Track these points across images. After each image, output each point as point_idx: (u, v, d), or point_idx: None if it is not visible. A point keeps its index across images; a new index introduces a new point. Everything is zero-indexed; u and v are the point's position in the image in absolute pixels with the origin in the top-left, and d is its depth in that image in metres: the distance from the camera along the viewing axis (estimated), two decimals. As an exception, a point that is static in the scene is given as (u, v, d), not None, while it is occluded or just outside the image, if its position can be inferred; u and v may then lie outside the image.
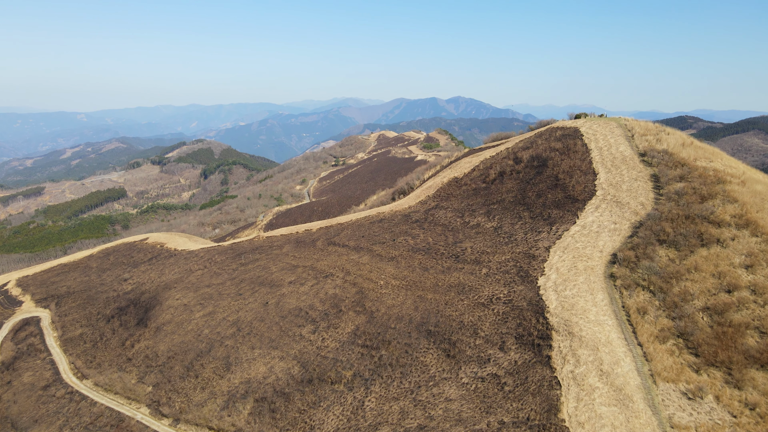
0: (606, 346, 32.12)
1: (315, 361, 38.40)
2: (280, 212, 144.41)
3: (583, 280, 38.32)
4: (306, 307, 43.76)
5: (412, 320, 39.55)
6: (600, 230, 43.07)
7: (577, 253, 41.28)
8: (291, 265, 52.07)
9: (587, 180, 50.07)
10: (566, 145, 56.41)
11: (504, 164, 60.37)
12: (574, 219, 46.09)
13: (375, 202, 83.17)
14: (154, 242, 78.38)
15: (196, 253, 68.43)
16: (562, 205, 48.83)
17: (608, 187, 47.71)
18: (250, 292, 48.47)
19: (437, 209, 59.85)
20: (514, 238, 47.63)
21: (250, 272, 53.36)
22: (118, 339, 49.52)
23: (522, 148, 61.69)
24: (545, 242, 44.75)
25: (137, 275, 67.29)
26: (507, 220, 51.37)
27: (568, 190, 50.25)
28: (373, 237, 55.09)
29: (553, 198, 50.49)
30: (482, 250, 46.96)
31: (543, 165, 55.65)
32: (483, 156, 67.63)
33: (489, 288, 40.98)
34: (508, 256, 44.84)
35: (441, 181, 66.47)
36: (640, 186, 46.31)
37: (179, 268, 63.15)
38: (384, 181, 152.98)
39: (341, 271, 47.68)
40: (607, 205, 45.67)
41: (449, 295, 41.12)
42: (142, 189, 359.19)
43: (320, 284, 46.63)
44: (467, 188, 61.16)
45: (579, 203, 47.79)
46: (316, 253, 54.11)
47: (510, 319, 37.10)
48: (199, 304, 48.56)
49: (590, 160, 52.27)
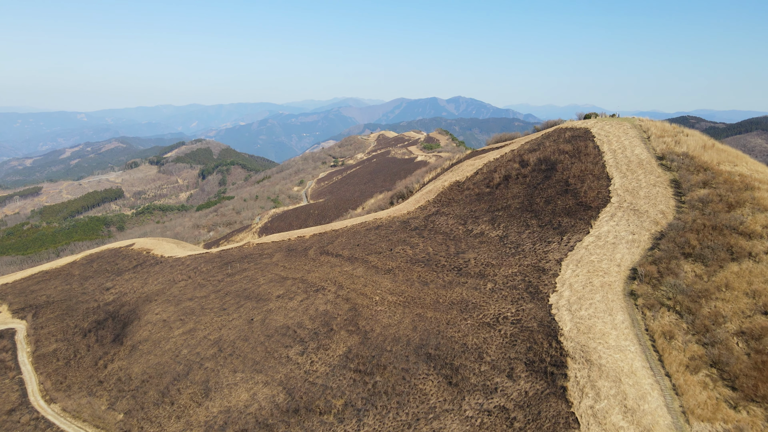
0: (630, 377, 28.32)
1: (302, 388, 34.61)
2: (276, 214, 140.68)
3: (600, 298, 34.50)
4: (294, 325, 39.97)
5: (410, 342, 35.75)
6: (617, 241, 39.24)
7: (592, 267, 37.46)
8: (280, 277, 48.29)
9: (600, 185, 46.25)
10: (576, 147, 52.59)
11: (509, 167, 56.56)
12: (587, 228, 42.27)
13: (373, 206, 79.63)
14: (140, 248, 74.63)
15: (182, 260, 64.67)
16: (573, 213, 45.03)
17: (624, 194, 43.89)
18: (235, 307, 44.69)
19: (438, 215, 56.07)
20: (521, 249, 43.82)
21: (237, 284, 49.59)
22: (92, 357, 45.75)
23: (528, 150, 57.87)
24: (556, 254, 40.94)
25: (120, 284, 63.55)
26: (513, 229, 47.57)
27: (579, 196, 46.44)
28: (369, 246, 51.29)
29: (564, 205, 46.69)
30: (487, 262, 43.16)
31: (551, 169, 51.85)
32: (486, 158, 63.83)
33: (495, 305, 37.18)
34: (515, 269, 41.04)
35: (442, 185, 62.67)
36: (660, 192, 42.48)
37: (163, 277, 59.39)
38: (383, 183, 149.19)
39: (333, 285, 43.89)
40: (624, 214, 41.85)
41: (451, 313, 37.33)
42: (140, 189, 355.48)
43: (310, 299, 42.85)
44: (470, 193, 57.37)
45: (592, 211, 43.98)
46: (307, 264, 50.33)
47: (519, 342, 33.30)
48: (180, 320, 44.78)
49: (603, 163, 48.46)
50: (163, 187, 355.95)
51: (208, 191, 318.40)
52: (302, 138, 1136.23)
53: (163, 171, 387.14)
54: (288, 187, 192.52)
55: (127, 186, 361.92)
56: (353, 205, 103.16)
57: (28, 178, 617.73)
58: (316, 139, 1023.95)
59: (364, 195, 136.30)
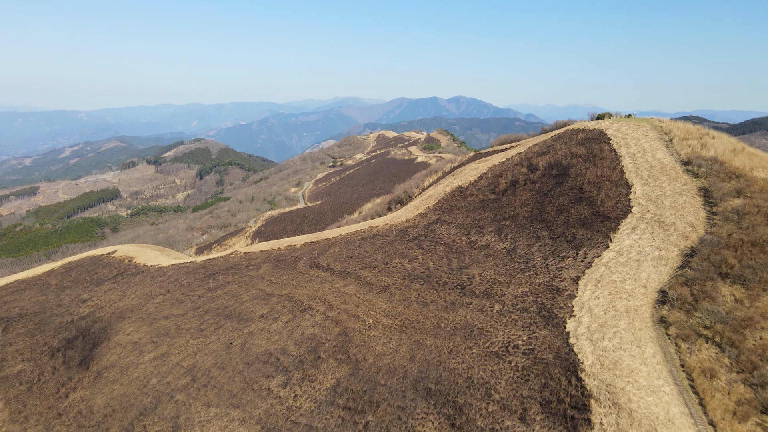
0: (667, 426, 23.89)
1: (284, 427, 30.20)
2: (271, 217, 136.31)
3: (625, 326, 30.05)
4: (277, 352, 35.55)
5: (407, 374, 31.32)
6: (641, 258, 34.77)
7: (614, 289, 33.01)
8: (265, 294, 43.85)
9: (619, 193, 41.78)
10: (591, 150, 48.11)
11: (516, 172, 52.09)
12: (606, 242, 37.80)
13: (370, 211, 75.42)
14: (122, 256, 70.27)
15: (165, 270, 60.28)
16: (589, 224, 40.56)
17: (647, 203, 39.41)
18: (214, 328, 40.27)
19: (439, 224, 51.62)
20: (532, 265, 39.36)
21: (218, 300, 45.17)
22: (55, 383, 41.37)
23: (537, 153, 53.38)
24: (572, 271, 36.48)
25: (98, 296, 59.16)
26: (522, 241, 43.12)
27: (596, 205, 41.97)
28: (364, 258, 46.86)
29: (578, 214, 42.22)
30: (493, 279, 38.71)
31: (564, 174, 47.38)
32: (491, 162, 59.35)
33: (504, 332, 32.74)
34: (525, 288, 36.58)
35: (443, 191, 58.22)
36: (687, 202, 38.01)
37: (142, 290, 54.99)
38: (382, 184, 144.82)
39: (323, 304, 39.46)
40: (648, 226, 37.37)
41: (454, 340, 32.89)
42: (137, 189, 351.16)
43: (297, 320, 38.42)
44: (474, 199, 52.91)
45: (611, 222, 39.50)
46: (295, 278, 45.91)
47: (533, 378, 28.86)
48: (152, 342, 40.36)
49: (621, 168, 43.97)
50: (160, 187, 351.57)
51: (206, 191, 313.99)
52: (302, 137, 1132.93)
53: (161, 171, 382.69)
54: (285, 188, 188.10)
55: (124, 186, 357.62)
56: (350, 210, 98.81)
57: (27, 177, 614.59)
58: (317, 138, 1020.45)
59: (362, 197, 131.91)
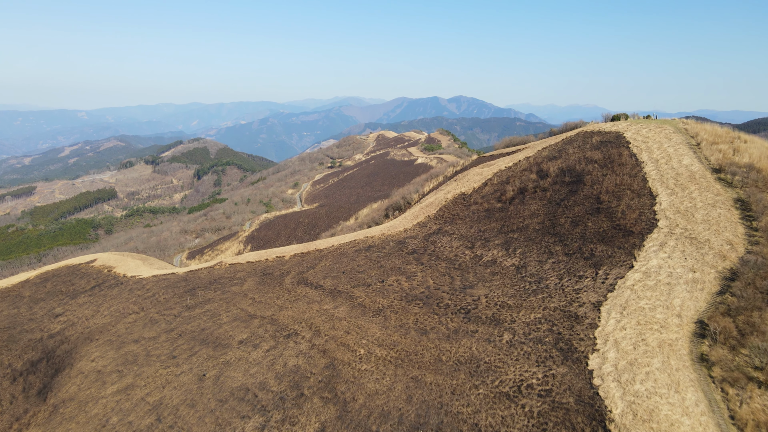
0: (720, 501, 19.54)
1: (258, 482, 25.82)
2: (267, 220, 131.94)
3: (659, 365, 25.61)
4: (256, 386, 31.13)
5: (403, 419, 26.89)
6: (672, 281, 30.32)
7: (643, 318, 28.55)
8: (247, 315, 39.42)
9: (642, 204, 37.29)
10: (608, 155, 43.62)
11: (525, 178, 47.64)
12: (630, 261, 33.33)
13: (366, 217, 71.22)
14: (101, 266, 65.91)
15: (144, 283, 55.90)
16: (609, 239, 36.08)
17: (675, 216, 34.94)
18: (187, 355, 35.86)
19: (440, 235, 47.18)
20: (545, 285, 34.91)
21: (195, 321, 40.76)
22: (10, 416, 37.00)
23: (547, 158, 48.92)
24: (591, 294, 32.02)
25: (72, 310, 54.82)
26: (533, 256, 38.66)
27: (616, 217, 37.49)
28: (357, 274, 42.42)
29: (596, 228, 37.75)
30: (502, 302, 34.27)
31: (578, 181, 42.91)
32: (496, 166, 54.87)
33: (515, 367, 28.29)
34: (538, 313, 32.13)
35: (444, 198, 53.77)
36: (722, 215, 33.54)
37: (117, 306, 50.62)
38: (381, 186, 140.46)
39: (309, 329, 35.02)
40: (677, 243, 32.91)
41: (457, 377, 28.45)
42: (134, 190, 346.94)
43: (279, 348, 33.99)
44: (478, 208, 48.46)
45: (634, 237, 35.03)
46: (281, 296, 41.48)
47: (551, 427, 24.42)
48: (117, 372, 35.95)
49: (644, 176, 39.49)
50: (157, 188, 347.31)
51: (203, 192, 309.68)
52: (303, 137, 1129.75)
53: (158, 171, 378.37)
54: (282, 189, 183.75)
55: (121, 186, 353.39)
56: (346, 215, 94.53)
57: (26, 176, 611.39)
58: (317, 138, 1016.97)
59: (360, 200, 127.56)
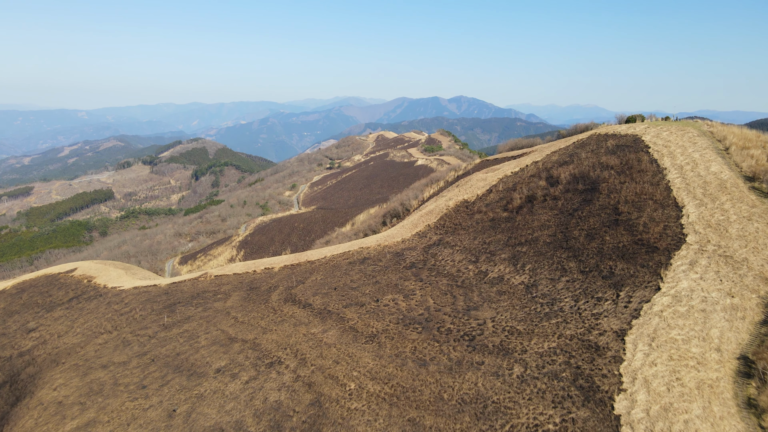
0: None
1: None
2: (262, 223, 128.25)
3: (699, 411, 21.80)
4: (231, 426, 27.33)
5: (399, 471, 23.11)
6: (707, 308, 26.50)
7: (676, 351, 24.73)
8: (227, 338, 35.63)
9: (667, 216, 33.47)
10: (625, 160, 39.79)
11: (533, 185, 43.82)
12: (656, 281, 29.51)
13: (362, 224, 67.59)
14: (81, 275, 62.18)
15: (123, 296, 52.17)
16: (630, 256, 32.25)
17: (705, 231, 31.12)
18: (158, 385, 32.08)
19: (441, 247, 43.39)
20: (559, 308, 31.11)
21: (170, 343, 36.98)
22: (-39, 451, 33.26)
23: (558, 163, 45.11)
24: (613, 321, 28.20)
25: (46, 325, 51.12)
26: (544, 273, 34.84)
27: (637, 230, 33.66)
28: (349, 292, 38.62)
29: (615, 242, 33.93)
30: (511, 327, 30.46)
31: (593, 189, 39.09)
32: (502, 171, 51.06)
33: (528, 409, 24.48)
34: (553, 342, 28.32)
35: (446, 205, 49.97)
36: (761, 231, 29.72)
37: (91, 322, 46.89)
38: (380, 189, 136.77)
39: (294, 357, 31.22)
40: (710, 262, 29.09)
41: (461, 420, 24.65)
42: (131, 190, 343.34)
43: (260, 379, 30.20)
44: (482, 218, 44.65)
45: (659, 254, 31.20)
46: (266, 316, 37.69)
47: (572, 487, 20.64)
48: (79, 404, 32.18)
49: (667, 184, 35.66)
50: (155, 189, 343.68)
51: (200, 193, 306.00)
52: (303, 137, 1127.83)
53: (156, 171, 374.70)
54: (279, 191, 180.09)
55: (118, 187, 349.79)
56: (342, 220, 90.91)
57: (24, 176, 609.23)
58: (317, 138, 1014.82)
59: (358, 203, 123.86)
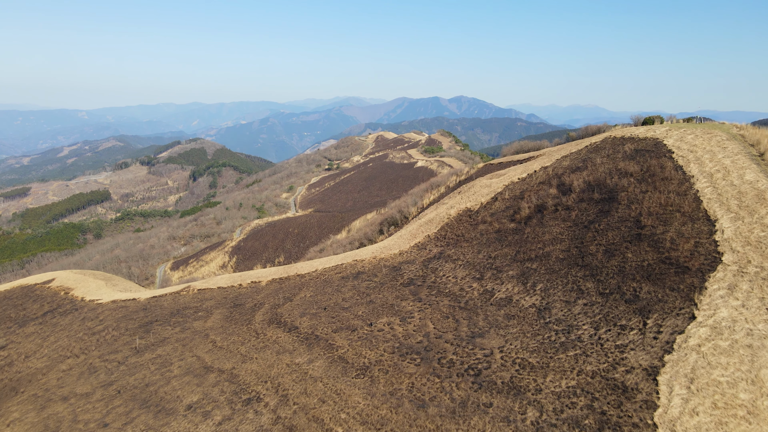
0: None
1: None
2: (257, 227, 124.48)
3: (756, 479, 18.01)
4: (198, 478, 23.50)
5: None
6: (754, 342, 22.67)
7: (720, 397, 20.90)
8: (202, 366, 31.83)
9: (698, 231, 29.64)
10: (646, 167, 35.94)
11: (543, 193, 39.99)
12: (689, 308, 25.69)
13: (358, 232, 63.82)
14: (58, 287, 58.44)
15: (98, 312, 48.42)
16: (657, 277, 28.43)
17: (744, 249, 27.30)
18: (121, 423, 28.29)
19: (441, 261, 39.57)
20: (576, 337, 27.29)
21: (140, 371, 33.18)
22: None
23: (569, 168, 41.27)
24: (642, 355, 24.37)
25: (16, 343, 47.36)
26: (558, 295, 31.03)
27: (663, 247, 29.83)
28: (340, 312, 34.82)
29: (638, 260, 30.10)
30: (522, 360, 26.64)
31: (611, 199, 35.27)
32: (507, 178, 47.23)
33: (545, 466, 20.67)
34: (572, 379, 24.48)
35: (447, 214, 46.15)
36: (810, 251, 25.90)
37: (61, 342, 43.12)
38: (378, 191, 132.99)
39: (275, 393, 27.41)
40: (753, 287, 25.26)
41: (467, 479, 20.83)
42: (128, 191, 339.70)
43: (235, 420, 26.38)
44: (487, 229, 40.82)
45: (691, 276, 27.37)
46: (247, 341, 33.89)
47: None
48: (31, 445, 28.40)
49: (696, 195, 31.83)
50: (152, 189, 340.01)
51: (198, 194, 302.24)
52: (303, 137, 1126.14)
53: (153, 172, 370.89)
54: (276, 193, 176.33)
55: (116, 188, 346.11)
56: (338, 226, 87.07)
57: (23, 177, 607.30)
58: (317, 138, 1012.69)
59: (356, 206, 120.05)
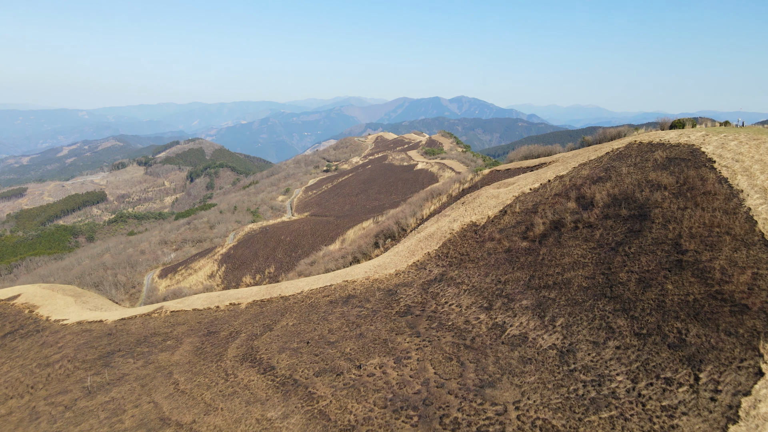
0: None
1: None
2: (251, 232, 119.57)
3: None
4: None
5: None
6: None
7: (814, 496, 15.82)
8: (158, 418, 26.75)
9: (755, 260, 24.49)
10: (683, 179, 30.80)
11: (560, 207, 34.87)
12: (755, 360, 20.56)
13: (352, 244, 58.82)
14: (24, 304, 53.48)
15: (60, 336, 43.43)
16: (707, 316, 23.30)
17: (818, 285, 22.17)
18: (53, 493, 23.18)
19: (443, 284, 34.46)
20: (610, 391, 22.16)
21: (88, 420, 28.14)
22: None
23: (590, 179, 36.12)
24: (697, 423, 19.25)
25: (-32, 370, 42.29)
26: (583, 333, 25.90)
27: (712, 278, 24.69)
28: (325, 349, 29.74)
29: (680, 293, 24.97)
30: (543, 422, 21.53)
31: (641, 216, 30.13)
32: (517, 187, 42.10)
33: None
34: (608, 453, 19.38)
35: (449, 228, 41.05)
36: None
37: (13, 373, 38.10)
38: (377, 195, 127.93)
39: (238, 460, 22.30)
40: (835, 335, 20.15)
41: None
42: (124, 192, 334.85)
43: (187, 496, 21.26)
44: (495, 247, 35.70)
45: (752, 317, 22.24)
46: (214, 384, 28.82)
47: None
48: None
49: (748, 214, 26.69)
50: (148, 190, 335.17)
51: (195, 195, 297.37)
52: (304, 137, 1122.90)
53: (150, 173, 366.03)
54: (272, 196, 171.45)
55: (112, 188, 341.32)
56: (332, 234, 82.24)
57: (21, 177, 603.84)
58: (318, 138, 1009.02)
59: (353, 210, 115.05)
